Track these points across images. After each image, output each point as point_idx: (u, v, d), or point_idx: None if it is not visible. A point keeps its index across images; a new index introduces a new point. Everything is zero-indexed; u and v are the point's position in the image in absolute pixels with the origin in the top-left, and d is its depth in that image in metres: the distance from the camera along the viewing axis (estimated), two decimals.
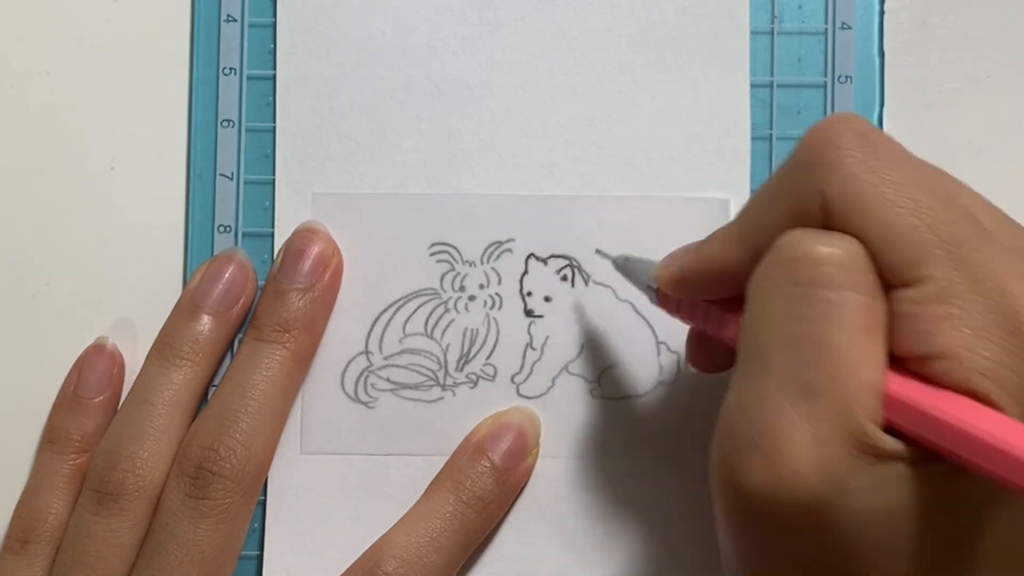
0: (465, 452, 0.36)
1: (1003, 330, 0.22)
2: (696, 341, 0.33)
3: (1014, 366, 0.22)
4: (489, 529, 0.36)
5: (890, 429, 0.23)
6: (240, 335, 0.37)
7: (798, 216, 0.25)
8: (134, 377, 0.37)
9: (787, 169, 0.26)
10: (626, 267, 0.34)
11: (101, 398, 0.37)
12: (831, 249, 0.24)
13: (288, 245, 0.37)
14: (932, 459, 0.23)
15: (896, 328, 0.23)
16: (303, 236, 0.37)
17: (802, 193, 0.25)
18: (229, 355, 0.37)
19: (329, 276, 0.36)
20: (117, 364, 0.37)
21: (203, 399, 0.37)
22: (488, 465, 0.35)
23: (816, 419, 0.23)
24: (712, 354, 0.32)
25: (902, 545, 0.23)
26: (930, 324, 0.23)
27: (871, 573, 0.23)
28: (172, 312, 0.37)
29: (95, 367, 0.37)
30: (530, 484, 0.37)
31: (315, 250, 0.36)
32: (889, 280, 0.24)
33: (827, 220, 0.24)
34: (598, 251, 0.36)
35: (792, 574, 0.24)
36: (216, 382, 0.37)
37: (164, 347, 0.36)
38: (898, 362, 0.23)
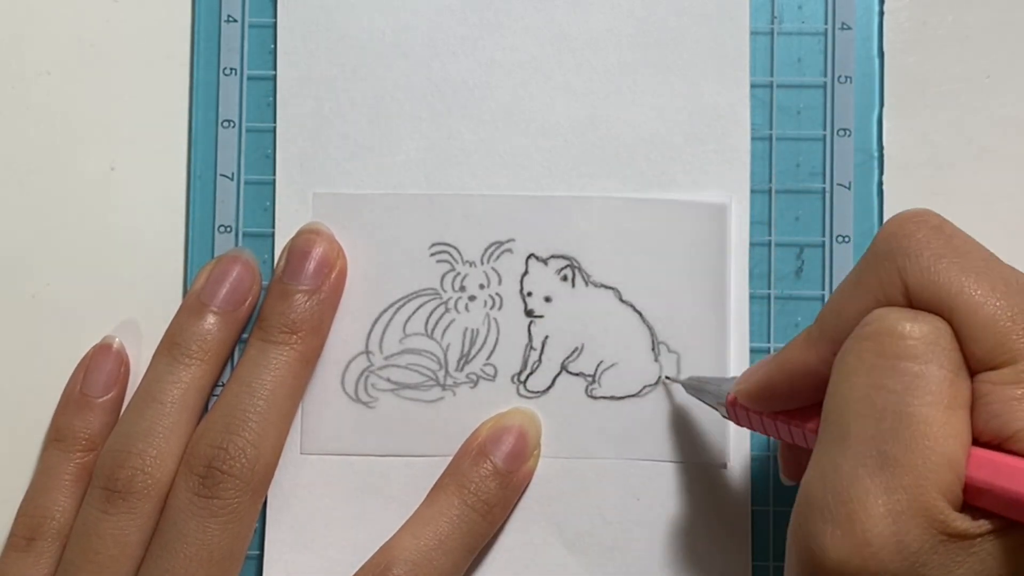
0: (467, 455, 0.36)
1: None
2: (786, 453, 0.34)
3: None
4: (493, 531, 0.36)
5: (971, 506, 0.24)
6: (245, 335, 0.37)
7: (881, 306, 0.26)
8: (136, 377, 0.37)
9: (866, 262, 0.27)
10: (697, 387, 0.35)
11: (107, 397, 0.37)
12: (918, 325, 0.24)
13: (291, 246, 0.37)
14: (1011, 528, 0.23)
15: (976, 409, 0.24)
16: (306, 237, 0.37)
17: (884, 283, 0.26)
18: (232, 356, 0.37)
19: (334, 277, 0.37)
20: (123, 363, 0.37)
21: (209, 398, 0.37)
22: (491, 468, 0.36)
23: (891, 491, 0.23)
24: (802, 463, 0.32)
25: None
26: (1005, 405, 0.23)
27: None
28: (179, 311, 0.37)
29: (102, 366, 0.37)
30: (531, 484, 0.37)
31: (319, 251, 0.36)
32: (972, 364, 0.24)
33: (910, 307, 0.25)
34: (667, 378, 0.37)
35: None
36: (221, 382, 0.37)
37: (172, 346, 0.36)
38: (980, 444, 0.24)
